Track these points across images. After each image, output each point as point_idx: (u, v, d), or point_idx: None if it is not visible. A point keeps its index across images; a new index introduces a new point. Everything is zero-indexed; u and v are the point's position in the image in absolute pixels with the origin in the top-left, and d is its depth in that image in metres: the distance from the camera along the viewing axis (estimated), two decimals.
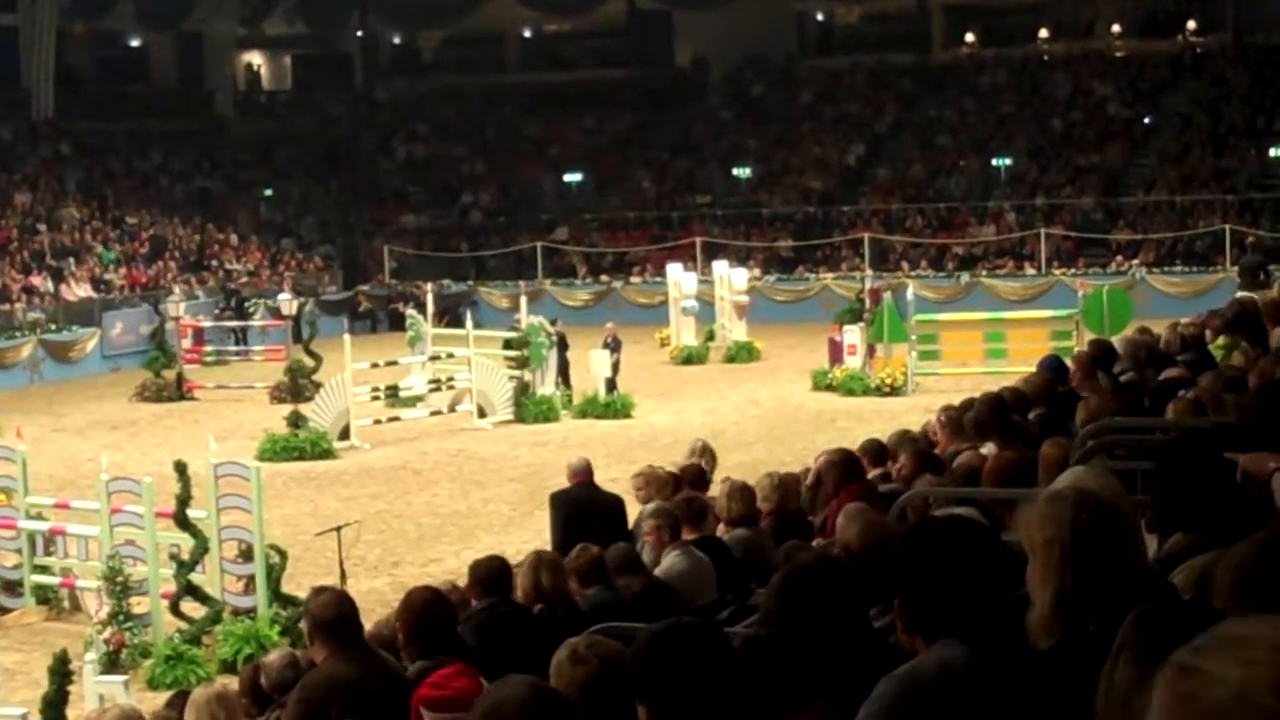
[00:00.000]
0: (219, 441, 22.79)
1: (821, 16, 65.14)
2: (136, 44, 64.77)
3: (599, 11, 64.60)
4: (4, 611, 19.42)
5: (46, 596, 19.46)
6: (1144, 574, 4.34)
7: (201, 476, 17.75)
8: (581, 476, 15.27)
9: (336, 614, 7.84)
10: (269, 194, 58.62)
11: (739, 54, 62.19)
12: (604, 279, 52.53)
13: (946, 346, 35.25)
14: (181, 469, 17.56)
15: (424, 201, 59.63)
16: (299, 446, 28.97)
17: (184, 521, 17.37)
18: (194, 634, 17.07)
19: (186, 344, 40.41)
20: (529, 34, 68.22)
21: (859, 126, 58.54)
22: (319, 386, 32.65)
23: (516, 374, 32.35)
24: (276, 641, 15.95)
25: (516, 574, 9.63)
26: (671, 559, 10.83)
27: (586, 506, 14.69)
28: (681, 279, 41.49)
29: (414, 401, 32.18)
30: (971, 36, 60.89)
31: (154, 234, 50.70)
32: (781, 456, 23.85)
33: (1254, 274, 38.06)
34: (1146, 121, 54.79)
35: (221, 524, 17.56)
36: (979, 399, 12.05)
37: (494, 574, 9.35)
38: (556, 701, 3.98)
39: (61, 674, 14.60)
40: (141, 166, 56.80)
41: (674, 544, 11.00)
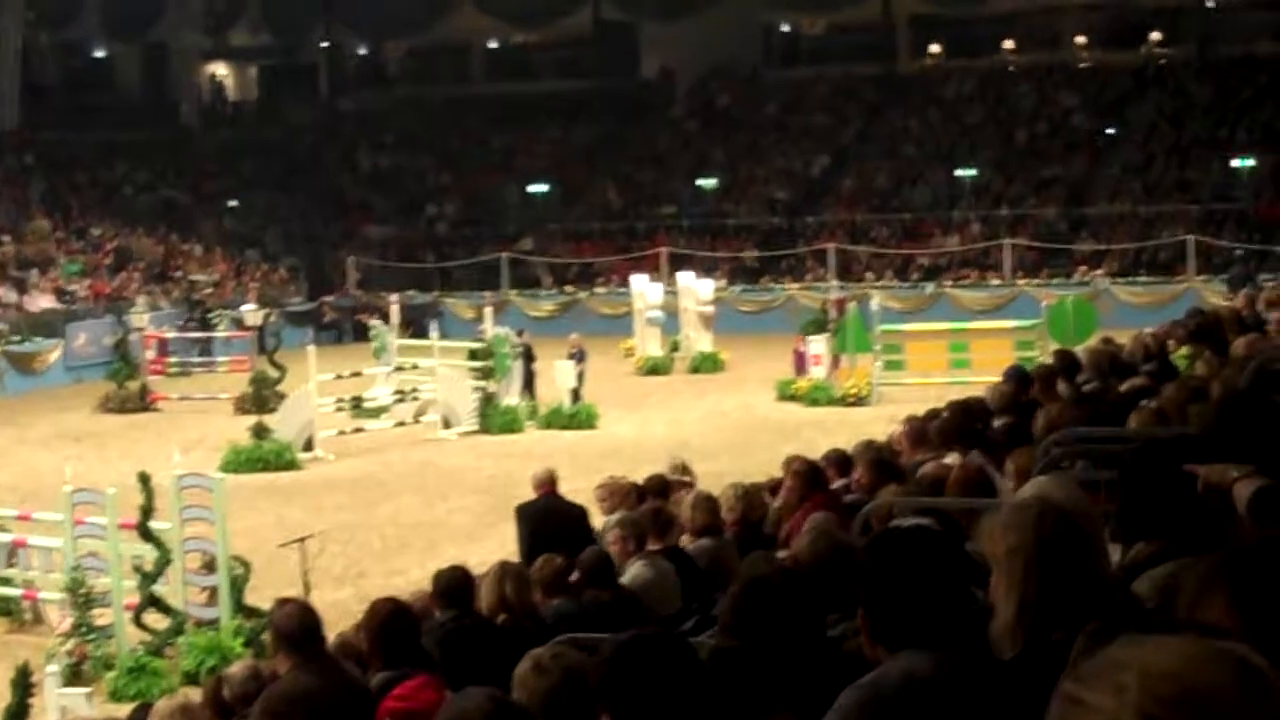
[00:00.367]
0: (183, 453, 22.71)
1: (787, 28, 65.23)
2: (102, 55, 64.62)
3: (565, 23, 64.60)
4: None
5: (9, 609, 19.31)
6: (1108, 583, 4.34)
7: (165, 488, 17.66)
8: (546, 488, 15.30)
9: (300, 625, 7.79)
10: (234, 205, 58.47)
11: (705, 65, 62.20)
12: (569, 290, 52.47)
13: (911, 357, 35.23)
14: (145, 480, 17.46)
15: (389, 212, 59.52)
16: (263, 458, 28.88)
17: (147, 533, 17.29)
18: (157, 646, 16.98)
19: (150, 355, 40.26)
20: (494, 45, 68.13)
21: (824, 137, 58.63)
22: (283, 398, 32.56)
23: (481, 385, 32.30)
24: (240, 653, 15.86)
25: (480, 585, 9.61)
26: (636, 569, 10.83)
27: (551, 517, 14.69)
28: (646, 290, 41.33)
29: (378, 412, 32.11)
30: (937, 48, 61.04)
31: (118, 245, 50.51)
32: (746, 467, 23.75)
33: (1241, 285, 38.20)
34: (1111, 132, 54.93)
35: (185, 535, 17.48)
36: (947, 407, 12.09)
37: (455, 585, 9.34)
38: (516, 712, 3.98)
39: (24, 686, 14.51)
40: (106, 177, 56.62)
41: (638, 554, 11.00)
